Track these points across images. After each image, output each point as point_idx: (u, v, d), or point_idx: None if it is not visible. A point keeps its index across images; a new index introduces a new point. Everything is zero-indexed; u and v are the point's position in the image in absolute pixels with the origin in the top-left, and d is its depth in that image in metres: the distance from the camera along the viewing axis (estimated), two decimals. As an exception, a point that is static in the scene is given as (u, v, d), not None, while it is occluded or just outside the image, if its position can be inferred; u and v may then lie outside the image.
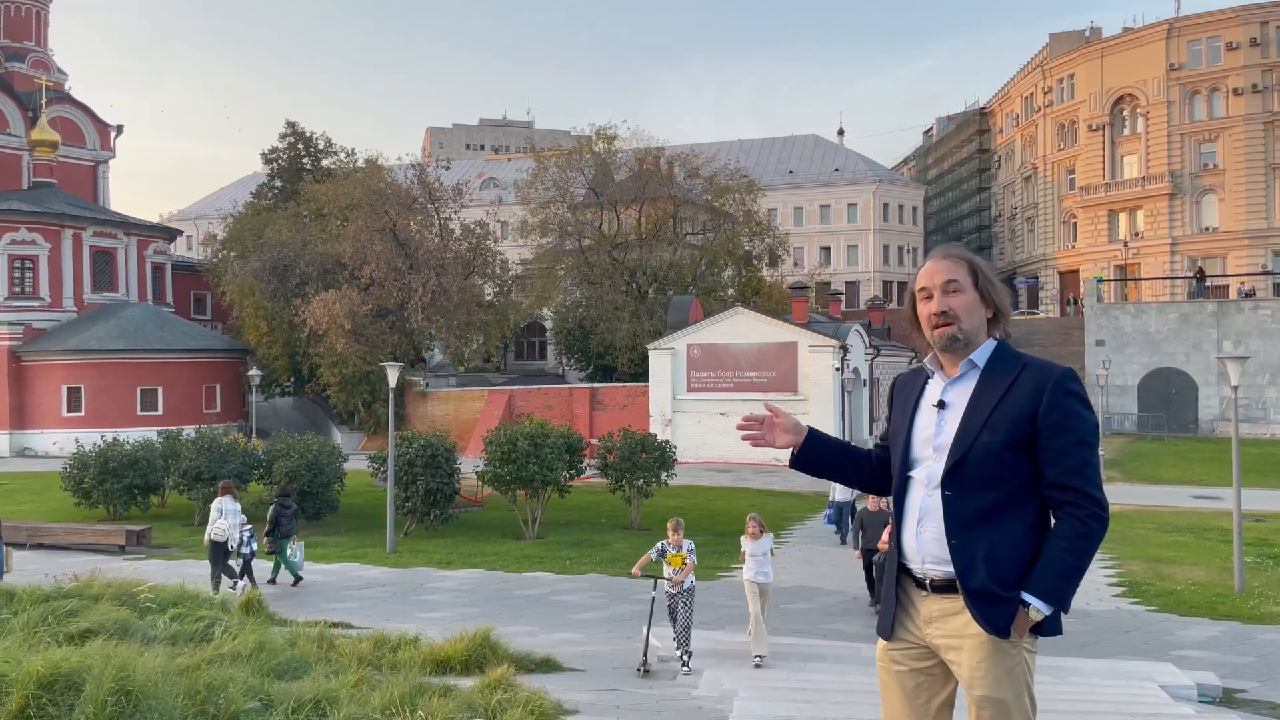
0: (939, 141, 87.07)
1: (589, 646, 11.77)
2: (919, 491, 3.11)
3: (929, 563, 3.08)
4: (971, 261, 3.18)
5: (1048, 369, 3.06)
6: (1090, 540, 2.96)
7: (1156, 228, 58.34)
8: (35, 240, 45.74)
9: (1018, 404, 3.00)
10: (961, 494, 3.00)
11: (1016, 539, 3.00)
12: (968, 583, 2.97)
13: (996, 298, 3.16)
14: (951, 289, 3.12)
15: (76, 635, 8.83)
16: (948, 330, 3.11)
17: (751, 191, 51.53)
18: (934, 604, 3.09)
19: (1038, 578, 2.95)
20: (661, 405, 37.35)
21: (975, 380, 3.10)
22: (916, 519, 3.10)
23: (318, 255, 43.26)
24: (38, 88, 51.06)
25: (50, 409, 43.56)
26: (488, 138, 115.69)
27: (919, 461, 3.13)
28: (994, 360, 3.11)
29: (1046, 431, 2.97)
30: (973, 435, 3.01)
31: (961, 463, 3.00)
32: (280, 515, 17.06)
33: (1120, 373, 42.85)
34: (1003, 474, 2.99)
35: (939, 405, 3.12)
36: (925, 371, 3.27)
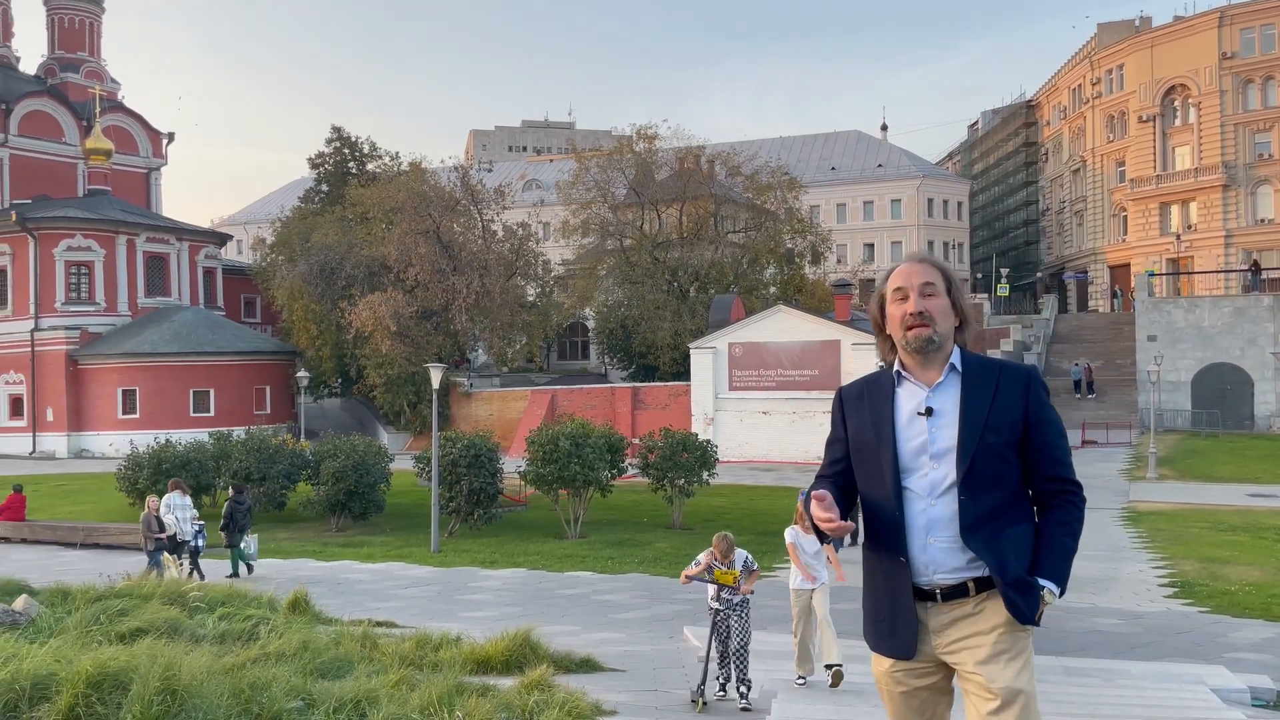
0: (984, 135, 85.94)
1: (630, 646, 11.79)
2: (920, 503, 3.09)
3: (939, 573, 3.08)
4: (944, 269, 3.23)
5: (1023, 369, 3.21)
6: (1080, 523, 3.15)
7: (1210, 220, 57.09)
8: (91, 246, 46.83)
9: (1010, 405, 3.10)
10: (975, 497, 3.04)
11: (1024, 531, 3.12)
12: (1007, 576, 3.03)
13: (964, 307, 3.23)
14: (928, 292, 3.15)
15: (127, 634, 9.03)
16: (924, 331, 3.12)
17: (793, 189, 51.30)
18: (943, 613, 3.11)
19: (1047, 562, 3.07)
20: (703, 404, 37.30)
21: (958, 385, 3.14)
22: (924, 532, 3.08)
23: (363, 258, 43.81)
24: (91, 97, 52.31)
25: (106, 411, 44.58)
26: (530, 139, 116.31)
27: (913, 471, 3.11)
28: (968, 366, 3.17)
29: (1036, 428, 3.11)
30: (976, 439, 3.05)
31: (970, 467, 3.04)
32: (234, 511, 17.85)
33: (1173, 369, 41.98)
34: (1004, 473, 3.09)
35: (927, 413, 3.12)
36: (886, 379, 3.24)
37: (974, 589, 3.08)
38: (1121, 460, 34.32)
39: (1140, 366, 41.02)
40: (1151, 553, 18.72)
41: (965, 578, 3.08)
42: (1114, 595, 15.20)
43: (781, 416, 35.85)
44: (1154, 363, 36.78)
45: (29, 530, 22.18)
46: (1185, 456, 34.50)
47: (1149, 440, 32.62)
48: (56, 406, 44.94)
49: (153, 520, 15.66)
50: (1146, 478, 30.20)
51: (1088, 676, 9.78)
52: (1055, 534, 3.11)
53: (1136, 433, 39.20)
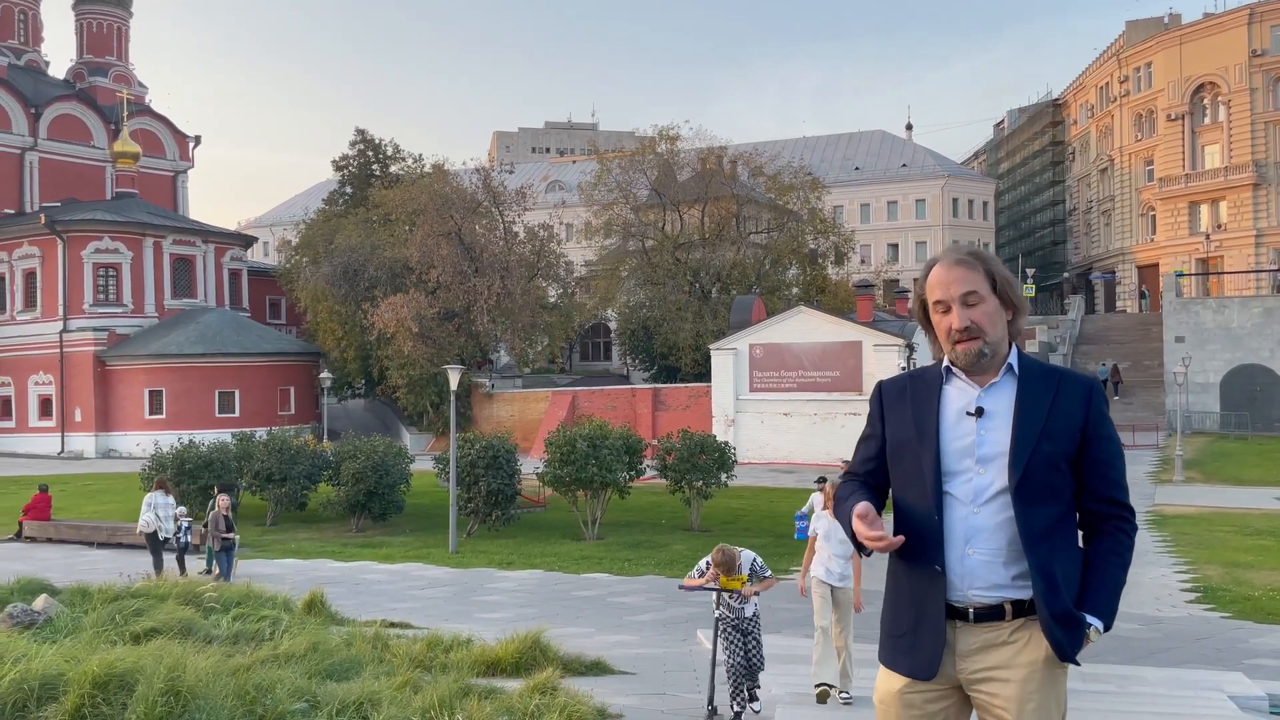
0: (1010, 134, 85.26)
1: (642, 649, 11.78)
2: (961, 510, 2.81)
3: (975, 589, 2.80)
4: (988, 264, 2.91)
5: (1085, 378, 2.93)
6: (1131, 553, 2.89)
7: (1240, 219, 56.34)
8: (118, 249, 47.40)
9: (1069, 413, 2.83)
10: (1028, 509, 2.77)
11: (1073, 556, 2.84)
12: (1052, 605, 2.73)
13: (1015, 298, 2.91)
14: (971, 301, 2.86)
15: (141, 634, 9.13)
16: (973, 346, 2.84)
17: (815, 189, 51.14)
18: (974, 635, 2.82)
19: (1097, 596, 2.80)
20: (724, 405, 37.24)
21: (1014, 386, 2.87)
22: (963, 541, 2.80)
23: (386, 259, 44.07)
24: (119, 101, 52.95)
25: (133, 411, 45.10)
26: (553, 140, 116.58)
27: (956, 475, 2.83)
28: (1026, 368, 2.90)
29: (1095, 443, 2.85)
30: (1031, 444, 2.78)
31: (1026, 475, 2.76)
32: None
33: (1201, 370, 41.47)
34: (1059, 486, 2.81)
35: (977, 413, 2.84)
36: (934, 374, 2.96)
37: (1011, 612, 2.79)
38: (1148, 463, 33.94)
39: (1168, 368, 40.54)
40: (1175, 557, 18.50)
41: (1003, 598, 2.79)
42: (1135, 600, 15.01)
43: (802, 418, 35.72)
44: (1181, 364, 36.36)
45: (54, 530, 22.46)
46: (1213, 459, 34.08)
47: (1176, 442, 32.24)
48: (85, 407, 45.51)
49: (220, 519, 15.63)
50: (1173, 481, 29.85)
51: (1102, 683, 9.66)
52: (1106, 564, 2.83)
53: (1164, 435, 38.75)
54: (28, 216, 49.17)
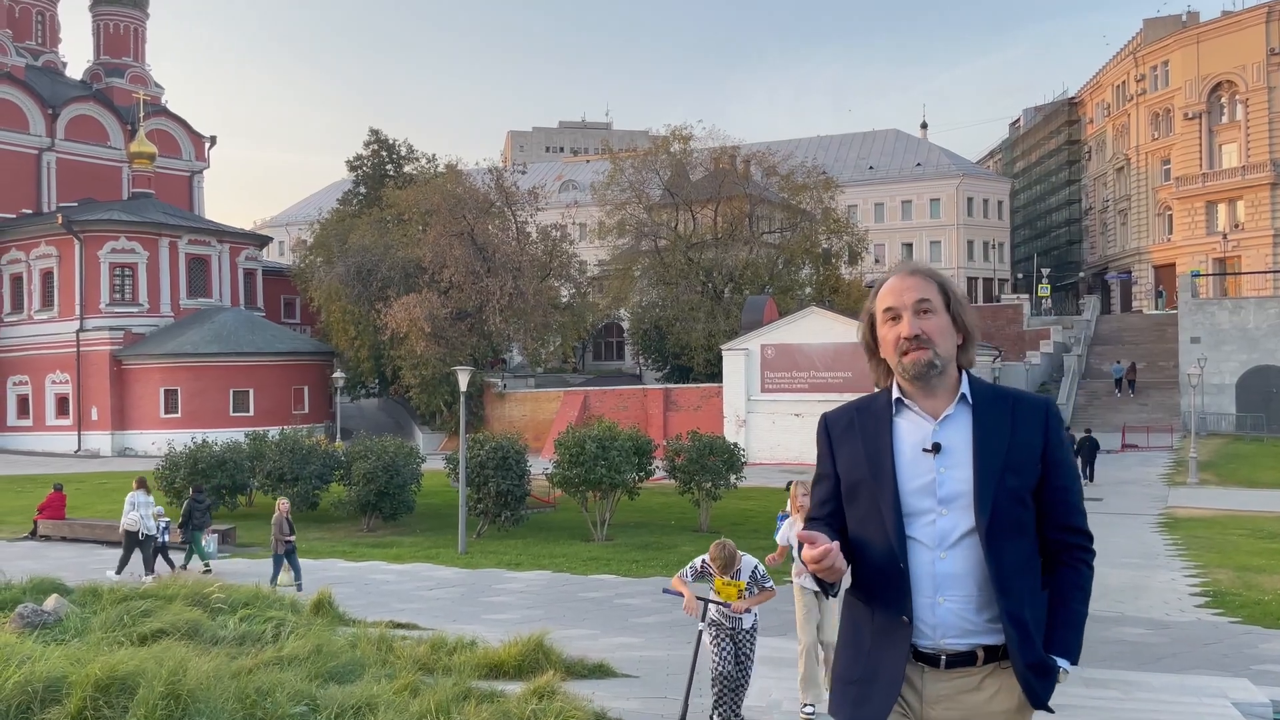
0: (1026, 133, 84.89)
1: (647, 651, 11.81)
2: (926, 554, 2.65)
3: (948, 637, 2.65)
4: (942, 280, 2.80)
5: (1039, 401, 2.79)
6: (1091, 584, 2.78)
7: (1258, 219, 55.92)
8: (134, 249, 47.77)
9: (1028, 442, 2.68)
10: (1000, 551, 2.62)
11: (1040, 595, 2.72)
12: (1027, 655, 2.61)
13: (968, 322, 2.78)
14: (924, 309, 2.72)
15: (149, 635, 9.22)
16: (923, 356, 2.68)
17: (829, 188, 51.04)
18: (944, 681, 2.68)
19: (1064, 636, 2.69)
20: (735, 406, 37.23)
21: (968, 417, 2.71)
22: (932, 589, 2.64)
23: (399, 259, 44.25)
24: (135, 102, 53.35)
25: (149, 410, 45.45)
26: (566, 140, 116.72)
27: (918, 517, 2.67)
28: (979, 395, 2.75)
29: (1056, 469, 2.71)
30: (995, 481, 2.62)
31: (991, 513, 2.61)
32: (194, 509, 18.63)
33: (1217, 371, 41.20)
34: (1025, 521, 2.68)
35: (934, 449, 2.67)
36: (882, 405, 2.79)
37: (983, 658, 2.66)
38: (1162, 465, 33.75)
39: (1183, 369, 40.28)
40: (1186, 560, 18.40)
41: (976, 644, 2.65)
42: (1144, 604, 14.95)
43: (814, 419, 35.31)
44: (1196, 365, 36.11)
45: (68, 528, 22.65)
46: (1227, 461, 33.85)
47: (1190, 444, 32.04)
48: (101, 406, 45.89)
49: (284, 522, 15.69)
50: (1187, 483, 29.68)
51: (1106, 688, 9.64)
52: (1069, 599, 2.71)
53: (1178, 436, 38.51)
54: (45, 216, 49.61)
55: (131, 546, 17.67)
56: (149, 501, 18.04)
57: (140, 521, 17.56)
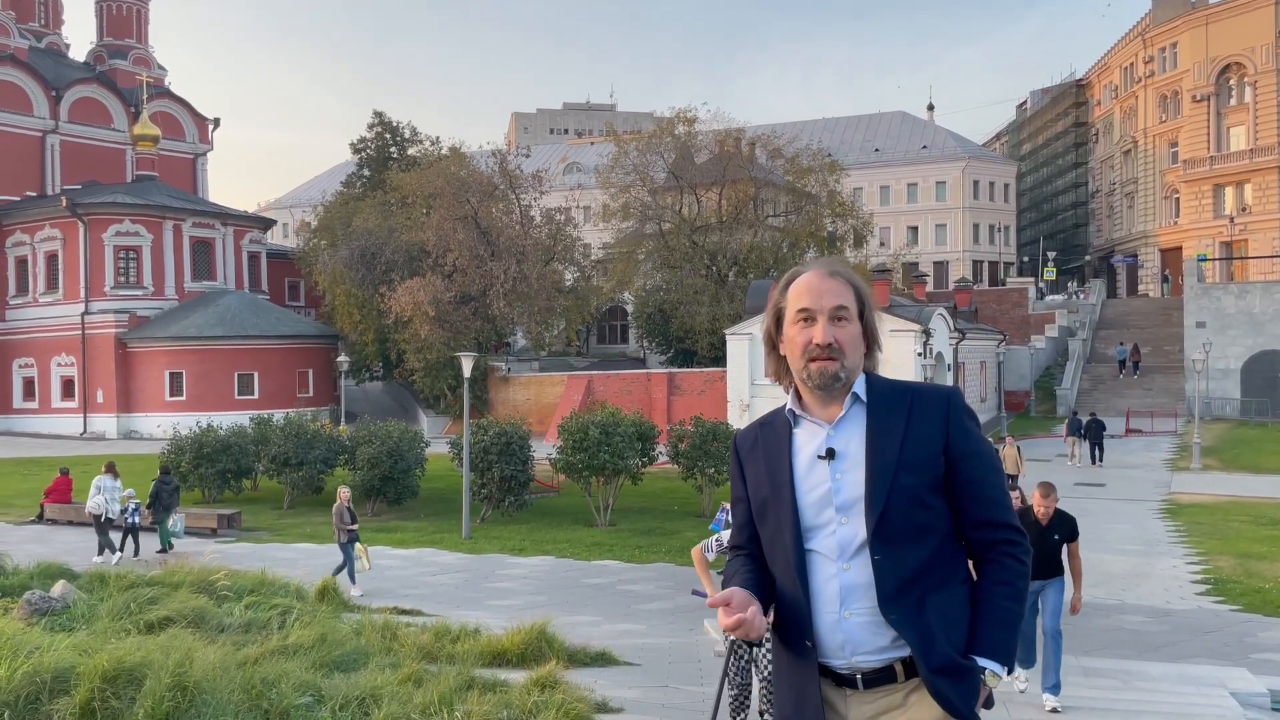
0: (1033, 115, 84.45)
1: (649, 639, 11.89)
2: (828, 567, 2.52)
3: (859, 654, 2.51)
4: (858, 286, 2.65)
5: (940, 391, 2.63)
6: (1026, 579, 2.58)
7: (1266, 202, 55.65)
8: (139, 231, 47.77)
9: (926, 436, 2.53)
10: (893, 555, 2.47)
11: (957, 596, 2.54)
12: (931, 660, 2.44)
13: (875, 330, 2.66)
14: (840, 316, 2.57)
15: (155, 623, 9.30)
16: (829, 367, 2.54)
17: (834, 171, 50.83)
18: (867, 703, 2.53)
19: (988, 636, 2.50)
20: (739, 390, 37.23)
21: (862, 419, 2.57)
22: (837, 603, 2.50)
23: (403, 243, 44.21)
24: (139, 84, 53.23)
25: (154, 393, 45.58)
26: (571, 121, 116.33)
27: (817, 530, 2.54)
28: (876, 393, 2.60)
29: (962, 462, 2.54)
30: (888, 481, 2.48)
31: (885, 517, 2.47)
32: (160, 491, 19.09)
33: (1222, 356, 41.13)
34: (929, 522, 2.52)
35: (828, 455, 2.54)
36: (782, 419, 2.66)
37: (903, 674, 2.50)
38: (1165, 450, 33.75)
39: (1188, 353, 40.22)
40: (1187, 547, 18.43)
41: (891, 659, 2.50)
42: (1144, 591, 15.01)
43: (818, 403, 35.67)
44: (1201, 350, 36.05)
45: (75, 512, 22.74)
46: (1231, 446, 33.84)
47: (1194, 429, 32.03)
48: (106, 388, 46.03)
49: (345, 512, 15.21)
50: (1190, 468, 29.68)
51: (1105, 678, 9.70)
52: (993, 597, 2.52)
53: (1182, 421, 38.50)
54: (49, 199, 49.61)
55: (102, 529, 18.08)
56: (115, 486, 18.43)
57: (104, 505, 17.98)
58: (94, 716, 5.98)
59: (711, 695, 8.66)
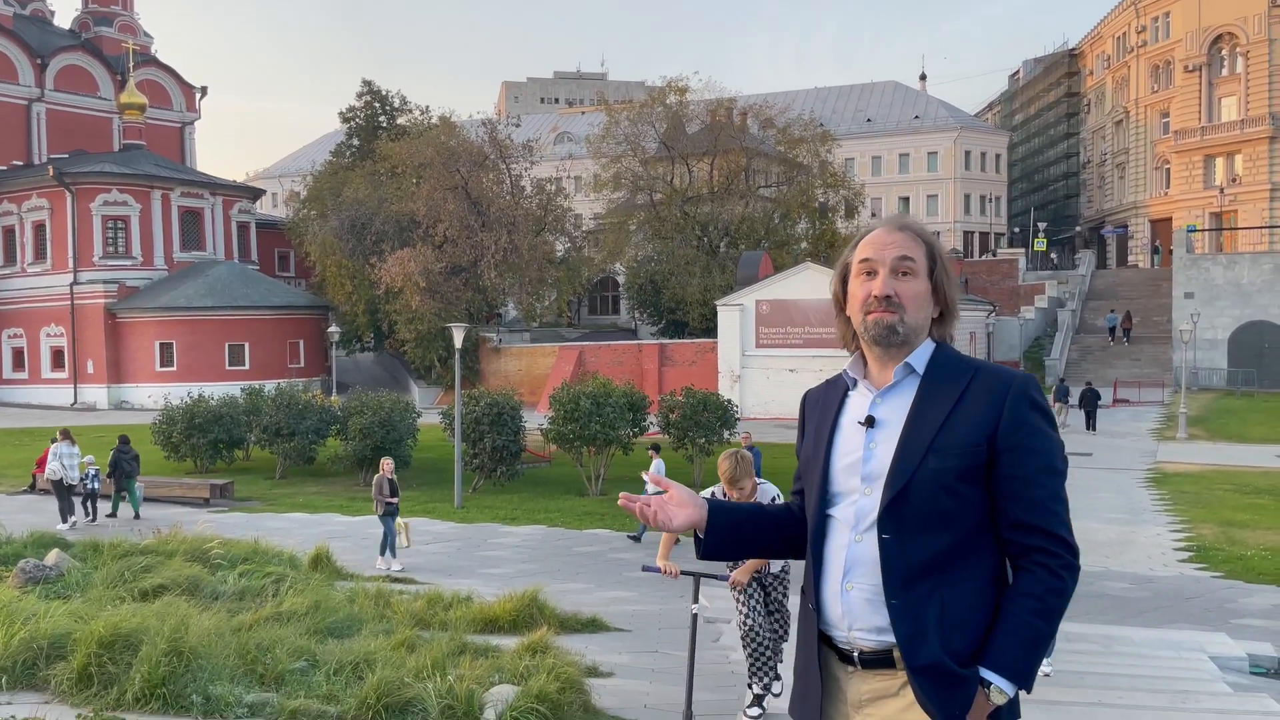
0: (1025, 85, 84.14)
1: (639, 605, 12.03)
2: (842, 536, 2.43)
3: (858, 630, 2.39)
4: (931, 242, 2.51)
5: (1005, 376, 2.42)
6: (1063, 598, 2.32)
7: (1255, 173, 55.73)
8: (126, 201, 47.45)
9: (972, 420, 2.35)
10: (903, 538, 2.34)
11: (972, 598, 2.34)
12: (914, 657, 2.30)
13: (950, 294, 2.51)
14: (904, 269, 2.44)
15: (150, 591, 9.38)
16: (887, 319, 2.42)
17: (826, 141, 50.74)
18: (865, 683, 2.41)
19: (1000, 649, 2.28)
20: (730, 361, 37.37)
21: (914, 390, 2.43)
22: (841, 573, 2.41)
23: (393, 213, 44.06)
24: (124, 51, 52.65)
25: (144, 364, 45.50)
26: (562, 91, 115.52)
27: (841, 496, 2.45)
28: (936, 365, 2.45)
29: (1008, 456, 2.33)
30: (915, 460, 2.34)
31: (903, 496, 2.34)
32: (120, 459, 19.34)
33: (1210, 326, 41.38)
34: (954, 511, 2.34)
35: (867, 422, 2.43)
36: (843, 382, 2.58)
37: (900, 661, 2.36)
38: (1152, 419, 34.03)
39: (1176, 324, 40.44)
40: (1171, 515, 18.67)
41: (890, 643, 2.36)
42: (1128, 559, 15.23)
43: (808, 375, 35.79)
44: (1189, 320, 36.25)
45: (68, 482, 22.82)
46: (1217, 416, 34.13)
47: (1181, 399, 32.29)
48: (96, 359, 45.93)
49: (385, 483, 14.97)
50: (1176, 438, 29.95)
51: (1086, 643, 9.87)
52: (1019, 610, 2.29)
53: (1169, 391, 38.79)
54: (36, 169, 49.21)
55: (62, 495, 18.31)
56: (74, 452, 18.62)
57: (64, 471, 18.20)
58: (91, 681, 6.07)
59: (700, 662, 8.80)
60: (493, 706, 5.98)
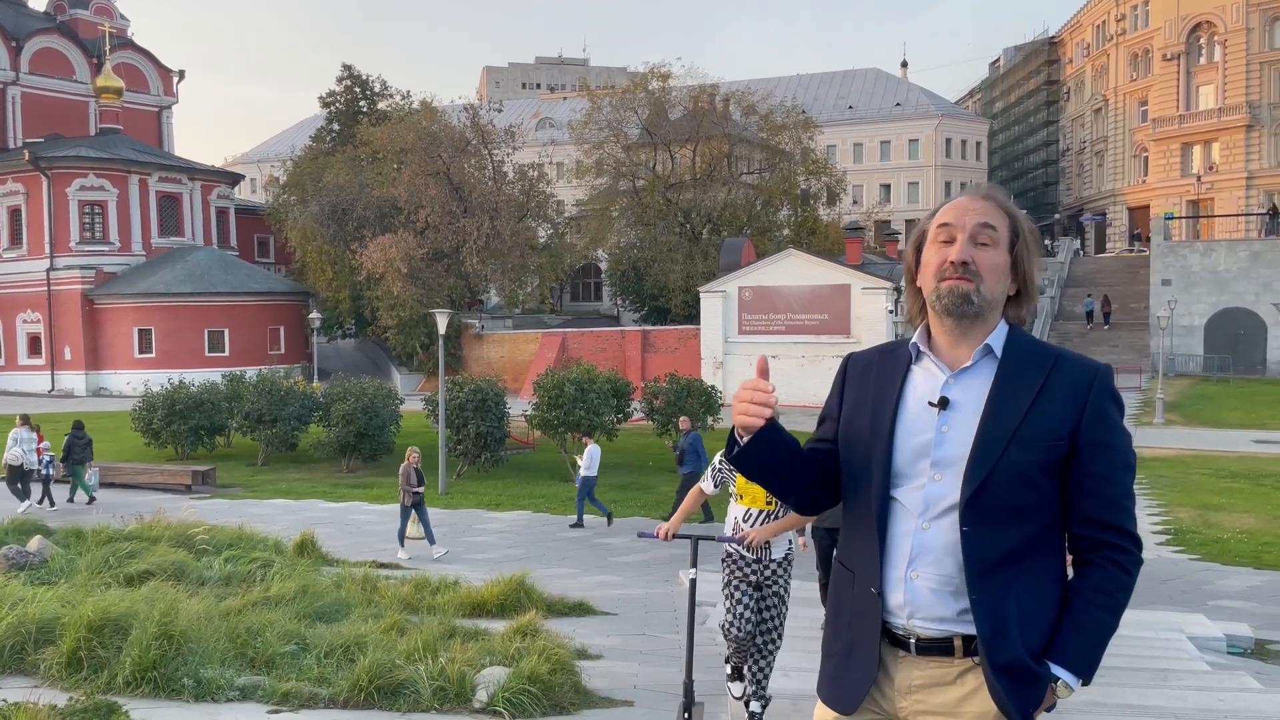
0: (1006, 73, 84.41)
1: (625, 590, 12.10)
2: (909, 522, 2.30)
3: (918, 618, 2.30)
4: (1014, 215, 2.37)
5: (1089, 367, 2.32)
6: (1129, 593, 2.30)
7: (1232, 161, 56.21)
8: (104, 186, 46.96)
9: (1056, 412, 2.25)
10: (982, 531, 2.24)
11: (1044, 592, 2.29)
12: (997, 655, 2.22)
13: (1029, 271, 2.36)
14: (984, 239, 2.31)
15: (135, 576, 9.36)
16: (962, 286, 2.28)
17: (808, 128, 50.79)
18: (917, 669, 2.33)
19: (1070, 644, 2.26)
20: (713, 348, 37.46)
21: (993, 373, 2.30)
22: (907, 559, 2.30)
23: (374, 199, 43.83)
24: (101, 34, 52.01)
25: (123, 350, 45.14)
26: (543, 76, 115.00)
27: (908, 479, 2.32)
28: (1014, 349, 2.32)
29: (1088, 451, 2.26)
30: (998, 451, 2.22)
31: (984, 488, 2.23)
32: (73, 444, 19.36)
33: (1186, 313, 41.78)
34: (1032, 504, 2.26)
35: (941, 404, 2.30)
36: (906, 352, 2.42)
37: (961, 649, 2.29)
38: (1130, 405, 34.31)
39: (1153, 310, 40.81)
40: (1148, 499, 18.88)
41: (953, 632, 2.28)
42: (1107, 542, 15.40)
43: (790, 361, 35.95)
44: (1166, 307, 36.59)
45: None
46: (1194, 402, 34.52)
47: (1158, 385, 32.64)
48: (74, 345, 45.53)
49: (412, 473, 14.76)
50: (1153, 423, 30.28)
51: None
52: (1088, 605, 2.26)
53: (1147, 377, 39.17)
54: (11, 153, 48.58)
55: (16, 479, 18.35)
56: (32, 437, 18.65)
57: (23, 456, 18.26)
58: (80, 665, 6.07)
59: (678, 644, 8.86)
60: (485, 688, 6.02)
